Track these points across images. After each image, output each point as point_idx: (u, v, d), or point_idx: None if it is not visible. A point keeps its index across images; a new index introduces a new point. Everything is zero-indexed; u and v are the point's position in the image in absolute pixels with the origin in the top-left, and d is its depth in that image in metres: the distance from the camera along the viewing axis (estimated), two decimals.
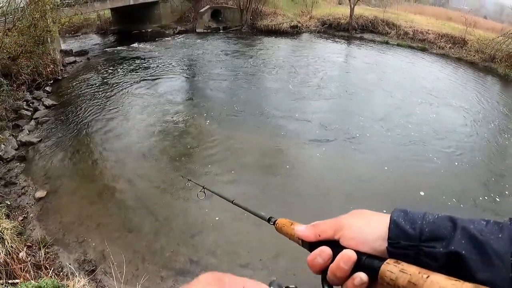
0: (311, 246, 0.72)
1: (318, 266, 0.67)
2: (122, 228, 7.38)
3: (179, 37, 22.14)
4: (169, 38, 21.71)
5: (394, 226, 0.61)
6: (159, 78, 15.15)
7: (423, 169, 9.58)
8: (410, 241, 0.59)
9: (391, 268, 0.56)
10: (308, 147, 10.32)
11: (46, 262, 6.28)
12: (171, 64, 16.94)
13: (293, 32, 23.74)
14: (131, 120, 11.64)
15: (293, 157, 9.92)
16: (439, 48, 21.93)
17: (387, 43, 22.53)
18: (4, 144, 9.72)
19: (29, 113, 11.68)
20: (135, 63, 16.92)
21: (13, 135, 10.37)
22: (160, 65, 16.68)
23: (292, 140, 10.56)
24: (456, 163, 9.91)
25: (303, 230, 0.75)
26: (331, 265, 0.65)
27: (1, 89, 11.17)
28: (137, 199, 8.22)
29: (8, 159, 9.38)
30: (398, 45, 22.24)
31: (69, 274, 5.43)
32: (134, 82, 14.52)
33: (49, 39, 14.62)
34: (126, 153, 9.92)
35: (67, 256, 6.75)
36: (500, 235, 0.54)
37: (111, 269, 6.48)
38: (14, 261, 5.27)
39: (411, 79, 16.06)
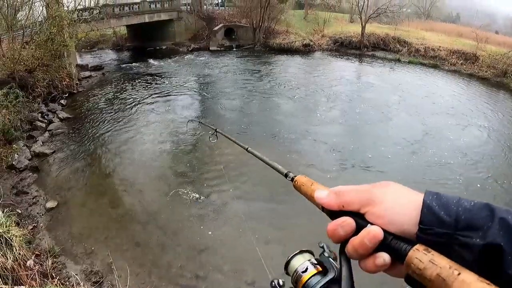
0: (333, 213, 0.67)
1: (339, 237, 0.64)
2: (130, 241, 7.41)
3: (193, 54, 22.48)
4: (183, 56, 22.06)
5: (427, 211, 0.57)
6: (172, 95, 15.36)
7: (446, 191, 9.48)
8: (445, 229, 0.54)
9: (421, 256, 0.52)
10: (321, 172, 10.14)
11: (53, 271, 6.30)
12: (184, 81, 17.18)
13: (306, 50, 23.98)
14: (143, 136, 11.78)
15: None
16: (451, 64, 21.94)
17: (398, 60, 22.59)
18: (18, 154, 9.88)
19: (43, 125, 11.88)
20: (149, 79, 17.19)
21: (27, 146, 10.55)
22: (173, 82, 16.91)
23: (303, 164, 10.50)
24: (480, 185, 9.78)
25: (324, 197, 0.69)
26: (353, 239, 0.61)
27: (17, 100, 11.38)
28: (145, 213, 8.26)
29: (21, 169, 9.53)
30: (409, 62, 22.31)
31: (75, 285, 5.44)
32: (147, 98, 14.73)
33: (65, 53, 14.97)
34: (137, 168, 10.01)
35: (74, 266, 6.77)
36: None
37: (117, 282, 6.48)
38: (21, 268, 5.31)
39: (425, 97, 16.06)
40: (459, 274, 0.47)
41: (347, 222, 0.62)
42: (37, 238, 7.39)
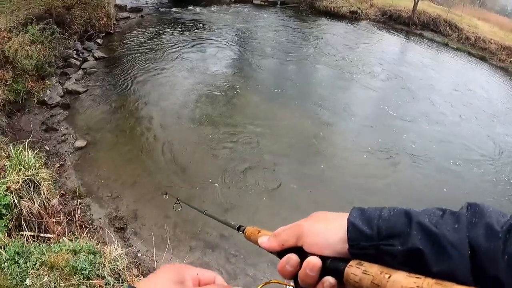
0: (279, 254, 0.71)
1: (289, 273, 0.67)
2: (156, 191, 7.11)
3: (236, 6, 21.48)
4: (225, 6, 21.12)
5: (352, 228, 0.61)
6: (209, 45, 14.75)
7: (484, 191, 8.82)
8: (369, 241, 0.59)
9: (354, 271, 0.57)
10: (354, 145, 9.56)
11: (77, 213, 6.07)
12: (222, 32, 16.47)
13: (352, 17, 22.58)
14: (177, 83, 11.32)
15: (333, 151, 9.31)
16: (499, 60, 20.14)
17: (446, 45, 20.96)
18: (50, 90, 9.62)
19: (78, 63, 11.55)
20: (188, 26, 16.55)
21: (59, 82, 10.27)
22: (211, 32, 16.24)
23: (333, 138, 9.89)
24: None
25: (266, 241, 0.75)
26: (299, 272, 0.65)
27: (53, 36, 11.04)
28: (174, 163, 7.92)
29: (52, 105, 9.28)
30: (457, 49, 20.62)
31: (107, 240, 5.17)
32: (184, 45, 14.17)
33: None
34: (169, 114, 9.64)
35: (98, 209, 6.59)
36: (456, 226, 0.55)
37: (141, 230, 6.29)
38: (48, 214, 5.04)
39: (469, 90, 14.75)
40: (389, 276, 0.52)
41: (291, 258, 0.67)
42: (63, 177, 7.18)
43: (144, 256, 5.75)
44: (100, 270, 3.54)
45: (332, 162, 8.66)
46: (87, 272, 3.45)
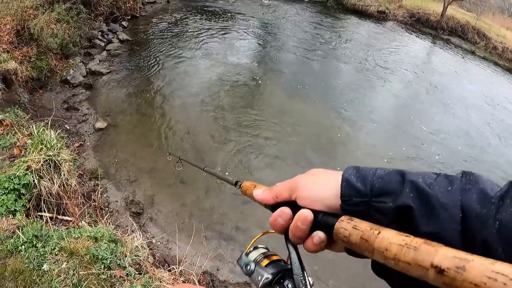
0: (273, 207, 0.73)
1: (280, 226, 0.69)
2: (174, 178, 7.03)
3: None
4: None
5: (346, 184, 0.62)
6: (235, 33, 14.59)
7: None
8: (362, 198, 0.59)
9: (345, 225, 0.57)
10: (375, 150, 9.29)
11: (97, 196, 6.02)
12: (248, 23, 16.28)
13: (379, 17, 22.14)
14: (200, 71, 11.21)
15: (352, 153, 9.07)
16: None
17: (473, 53, 20.35)
18: (73, 70, 9.58)
19: (102, 44, 11.50)
20: (215, 13, 16.40)
21: (83, 62, 10.23)
22: (237, 22, 16.08)
23: (356, 135, 9.68)
24: None
25: (260, 193, 0.77)
26: (290, 225, 0.66)
27: (79, 16, 11.00)
28: (194, 150, 7.84)
29: (74, 85, 9.24)
30: (484, 58, 20.03)
31: (127, 228, 5.10)
32: (209, 33, 14.02)
33: None
34: (191, 101, 9.54)
35: (115, 192, 6.54)
36: (449, 188, 0.54)
37: (157, 217, 6.24)
38: (68, 195, 4.98)
39: (499, 103, 14.13)
40: (379, 233, 0.51)
41: (284, 211, 0.68)
42: (81, 157, 7.13)
43: (159, 243, 5.68)
44: (121, 260, 3.44)
45: (349, 163, 8.45)
46: (108, 262, 3.37)
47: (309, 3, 22.23)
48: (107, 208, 6.09)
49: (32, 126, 5.52)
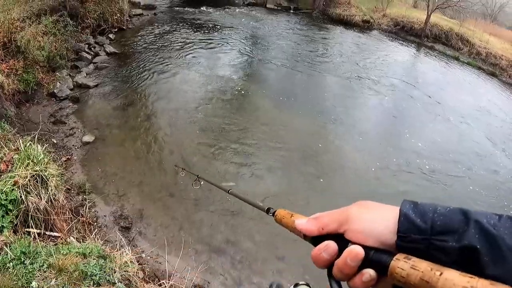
0: (314, 240, 0.68)
1: (324, 261, 0.64)
2: (163, 191, 7.02)
3: (248, 8, 21.48)
4: (238, 8, 21.09)
5: (404, 219, 0.58)
6: (221, 46, 14.69)
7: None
8: (421, 235, 0.56)
9: (402, 265, 0.54)
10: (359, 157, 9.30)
11: (82, 209, 5.96)
12: (233, 35, 16.41)
13: (364, 26, 22.51)
14: (187, 82, 11.25)
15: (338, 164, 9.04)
16: (510, 76, 20.05)
17: (457, 59, 20.80)
18: (60, 83, 9.53)
19: (89, 57, 11.46)
20: (201, 26, 16.50)
21: (70, 75, 10.18)
22: (223, 34, 16.21)
23: (343, 146, 9.66)
24: None
25: (304, 223, 0.71)
26: (338, 261, 0.62)
27: (66, 29, 11.01)
28: (182, 164, 7.78)
29: (61, 98, 9.18)
30: (468, 63, 20.49)
31: (116, 244, 5.05)
32: (195, 45, 14.11)
33: None
34: (178, 113, 9.56)
35: (104, 207, 6.49)
36: None
37: (146, 231, 6.20)
38: (55, 211, 4.92)
39: (485, 107, 14.39)
40: (441, 274, 0.49)
41: (329, 245, 0.64)
42: (69, 171, 7.06)
43: (149, 257, 5.62)
44: (111, 276, 3.41)
45: (335, 174, 8.47)
46: (97, 278, 3.32)
47: (295, 14, 22.51)
48: (95, 223, 6.03)
49: (19, 141, 5.45)
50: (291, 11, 23.05)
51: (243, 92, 11.26)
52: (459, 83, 16.95)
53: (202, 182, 2.82)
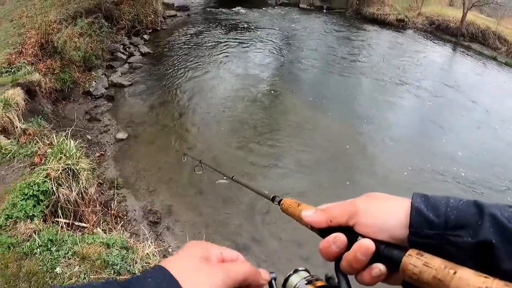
0: (322, 231, 0.66)
1: (332, 254, 0.62)
2: (192, 188, 7.07)
3: (281, 8, 21.37)
4: (271, 8, 21.05)
5: (416, 213, 0.56)
6: (253, 46, 14.70)
7: None
8: (434, 230, 0.54)
9: (414, 261, 0.52)
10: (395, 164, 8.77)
11: (114, 204, 6.10)
12: (266, 35, 16.34)
13: (398, 25, 21.80)
14: (219, 83, 11.31)
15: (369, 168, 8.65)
16: None
17: (494, 59, 19.67)
18: (95, 82, 9.84)
19: (124, 57, 11.79)
20: (233, 26, 16.60)
21: (105, 75, 10.50)
22: (255, 34, 16.18)
23: (375, 150, 9.23)
24: None
25: (311, 215, 0.68)
26: (347, 255, 0.60)
27: (101, 30, 11.37)
28: (214, 162, 7.80)
29: (97, 96, 9.48)
30: (506, 63, 19.39)
31: (140, 233, 5.14)
32: (228, 46, 14.20)
33: None
34: (209, 113, 9.62)
35: (134, 201, 6.61)
36: None
37: (174, 226, 6.25)
38: (85, 203, 5.06)
39: None
40: (455, 272, 0.48)
41: (339, 238, 0.62)
42: (102, 166, 7.28)
43: (174, 252, 5.67)
44: (131, 266, 3.49)
45: (362, 178, 8.13)
46: (118, 267, 3.42)
47: (328, 13, 22.18)
48: (125, 217, 6.16)
49: (53, 136, 5.64)
50: (324, 10, 22.70)
51: (274, 92, 11.19)
52: (500, 85, 15.88)
53: (203, 168, 2.90)
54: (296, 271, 0.74)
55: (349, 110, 10.87)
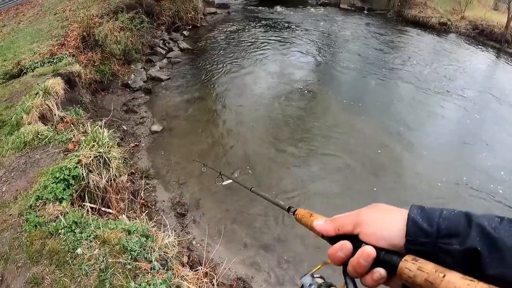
0: (331, 239, 0.74)
1: (339, 259, 0.70)
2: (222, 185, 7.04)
3: (321, 8, 21.09)
4: (311, 8, 20.82)
5: (412, 224, 0.62)
6: (291, 47, 14.50)
7: None
8: (428, 238, 0.59)
9: (409, 266, 0.58)
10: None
11: (142, 193, 6.21)
12: (306, 34, 16.15)
13: (441, 29, 20.93)
14: (256, 81, 11.28)
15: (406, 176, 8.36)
16: None
17: None
18: (134, 75, 10.08)
19: (163, 52, 12.01)
20: (272, 25, 16.53)
21: (144, 68, 10.74)
22: (295, 34, 16.01)
23: (413, 158, 8.81)
24: None
25: (322, 224, 0.78)
26: (352, 260, 0.67)
27: (142, 25, 11.62)
28: (244, 161, 7.80)
29: (135, 89, 9.72)
30: None
31: (167, 223, 5.20)
32: (267, 45, 14.14)
33: None
34: (244, 111, 9.62)
35: (163, 192, 6.73)
36: None
37: (200, 220, 6.30)
38: (113, 190, 5.18)
39: None
40: (444, 276, 0.53)
41: (345, 245, 0.69)
42: (135, 156, 7.46)
43: (198, 245, 5.71)
44: (149, 254, 3.55)
45: (394, 187, 7.79)
46: (135, 254, 3.49)
47: (369, 15, 21.67)
48: (153, 207, 6.26)
49: (87, 124, 5.81)
50: (365, 11, 22.21)
51: (309, 92, 11.02)
52: None
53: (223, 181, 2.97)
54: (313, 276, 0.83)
55: (385, 116, 10.49)
